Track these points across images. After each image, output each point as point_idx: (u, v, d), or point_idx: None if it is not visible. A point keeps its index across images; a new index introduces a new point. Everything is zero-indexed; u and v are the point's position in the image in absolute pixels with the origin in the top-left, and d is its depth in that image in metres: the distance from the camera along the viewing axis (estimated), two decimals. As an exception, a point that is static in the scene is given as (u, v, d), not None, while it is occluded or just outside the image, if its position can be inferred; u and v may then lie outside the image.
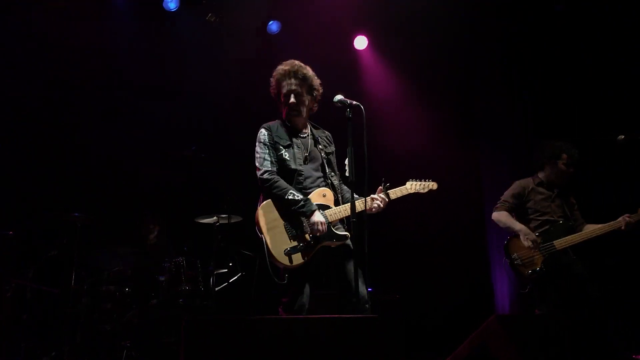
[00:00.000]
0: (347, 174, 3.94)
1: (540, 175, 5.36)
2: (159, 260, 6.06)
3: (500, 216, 5.32)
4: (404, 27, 7.58)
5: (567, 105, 6.84)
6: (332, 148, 4.18)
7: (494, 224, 5.44)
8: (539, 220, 5.21)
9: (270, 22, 7.68)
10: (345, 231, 3.89)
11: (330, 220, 3.84)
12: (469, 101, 7.82)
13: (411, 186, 4.18)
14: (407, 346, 6.53)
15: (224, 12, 7.53)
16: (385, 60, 7.98)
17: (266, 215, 3.80)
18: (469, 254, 7.39)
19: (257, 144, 3.99)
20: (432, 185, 4.26)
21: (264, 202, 3.84)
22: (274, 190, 3.81)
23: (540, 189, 5.30)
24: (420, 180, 4.22)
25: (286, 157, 3.93)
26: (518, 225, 5.20)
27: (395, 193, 4.09)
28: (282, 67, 4.07)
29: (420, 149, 7.52)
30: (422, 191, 4.21)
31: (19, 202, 6.51)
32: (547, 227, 5.15)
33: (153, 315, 5.36)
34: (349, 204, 3.70)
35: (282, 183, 3.84)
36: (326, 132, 4.24)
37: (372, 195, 3.97)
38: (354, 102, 3.82)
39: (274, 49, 7.74)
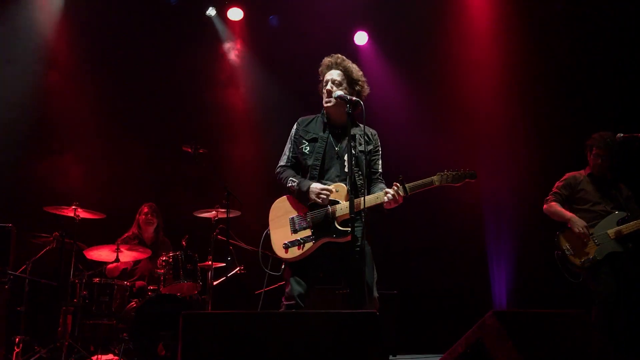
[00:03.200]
0: (345, 170, 3.94)
1: (588, 168, 5.37)
2: (157, 254, 6.07)
3: (550, 207, 5.33)
4: (404, 22, 7.59)
5: (567, 105, 6.85)
6: (369, 147, 3.99)
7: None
8: (592, 210, 5.18)
9: (271, 17, 7.69)
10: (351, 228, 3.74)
11: (337, 216, 3.80)
12: (468, 99, 7.82)
13: (440, 179, 3.76)
14: (404, 342, 6.56)
15: (224, 6, 7.54)
16: (385, 56, 7.98)
17: (275, 209, 3.96)
18: (467, 250, 7.40)
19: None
20: (470, 174, 3.78)
21: (279, 198, 3.98)
22: (281, 182, 3.96)
23: (591, 180, 5.30)
24: (454, 171, 3.77)
25: (306, 151, 3.96)
26: (568, 214, 5.21)
27: (416, 186, 3.75)
28: (327, 59, 4.07)
29: (420, 146, 7.53)
30: (456, 183, 3.75)
31: (18, 195, 6.51)
32: (600, 217, 5.13)
33: (151, 309, 5.36)
34: (360, 199, 3.70)
35: (286, 173, 3.95)
36: (370, 130, 4.07)
37: (386, 190, 3.80)
38: (354, 98, 3.82)
39: (274, 43, 7.75)
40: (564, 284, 6.00)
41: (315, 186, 3.81)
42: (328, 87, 3.97)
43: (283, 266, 3.93)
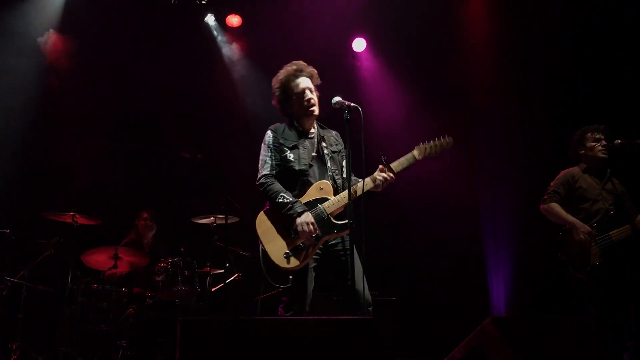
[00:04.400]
0: (344, 176, 3.96)
1: (582, 164, 5.15)
2: (156, 260, 6.07)
3: (550, 208, 5.05)
4: (402, 28, 7.61)
5: (566, 109, 6.85)
6: (339, 147, 4.09)
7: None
8: (591, 209, 4.95)
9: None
10: (346, 219, 3.76)
11: (329, 212, 3.79)
12: (466, 101, 7.83)
13: (419, 152, 3.96)
14: (402, 348, 6.54)
15: (223, 13, 7.58)
16: (383, 62, 8.00)
17: (265, 222, 3.81)
18: (465, 255, 7.39)
19: (262, 146, 4.00)
20: (446, 142, 4.00)
21: (265, 209, 3.86)
22: (267, 194, 3.82)
23: (588, 176, 5.06)
24: (429, 142, 3.97)
25: (291, 158, 3.91)
26: (570, 218, 4.92)
27: (401, 164, 3.93)
28: (291, 67, 4.02)
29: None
30: (434, 153, 3.95)
31: (16, 201, 6.50)
32: (600, 216, 4.90)
33: (149, 316, 5.35)
34: (352, 188, 3.70)
35: (275, 186, 3.82)
36: (333, 131, 4.15)
37: (373, 175, 3.85)
38: (352, 104, 3.81)
39: (272, 50, 7.77)
40: (563, 289, 5.99)
41: (305, 218, 3.70)
42: (310, 95, 3.95)
43: (291, 277, 3.85)
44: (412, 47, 7.68)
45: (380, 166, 3.88)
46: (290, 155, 3.91)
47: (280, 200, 3.76)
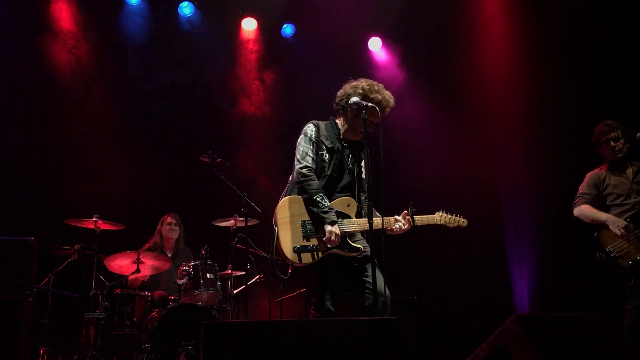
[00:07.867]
0: (363, 176, 3.96)
1: (607, 162, 5.11)
2: (178, 263, 6.11)
3: (582, 210, 5.02)
4: (418, 27, 7.59)
5: (587, 103, 6.76)
6: (367, 163, 4.07)
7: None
8: (624, 205, 4.88)
9: (285, 25, 7.74)
10: (363, 243, 3.89)
11: (347, 230, 3.84)
12: (485, 99, 7.77)
13: (440, 217, 4.16)
14: (425, 347, 6.52)
15: (239, 15, 7.62)
16: (399, 61, 7.97)
17: (285, 209, 3.85)
18: (488, 255, 7.34)
19: (301, 136, 4.00)
20: (462, 221, 4.22)
21: (288, 197, 3.89)
22: (307, 188, 3.82)
23: (614, 173, 5.02)
24: (450, 214, 4.18)
25: (326, 158, 3.94)
26: (604, 215, 4.89)
27: (422, 220, 4.07)
28: (384, 89, 4.07)
29: (434, 149, 7.50)
30: (450, 225, 4.18)
31: (40, 209, 6.58)
32: (635, 210, 4.82)
33: (172, 319, 5.38)
34: (375, 220, 3.72)
35: (316, 183, 3.85)
36: (364, 147, 4.04)
37: (396, 217, 3.96)
38: (370, 105, 3.81)
39: (288, 52, 7.79)
40: (588, 286, 5.92)
41: (336, 229, 3.75)
42: (376, 120, 3.92)
43: (290, 270, 3.94)
44: (427, 45, 7.66)
45: (405, 212, 3.97)
46: (326, 156, 3.94)
47: (319, 199, 3.79)
